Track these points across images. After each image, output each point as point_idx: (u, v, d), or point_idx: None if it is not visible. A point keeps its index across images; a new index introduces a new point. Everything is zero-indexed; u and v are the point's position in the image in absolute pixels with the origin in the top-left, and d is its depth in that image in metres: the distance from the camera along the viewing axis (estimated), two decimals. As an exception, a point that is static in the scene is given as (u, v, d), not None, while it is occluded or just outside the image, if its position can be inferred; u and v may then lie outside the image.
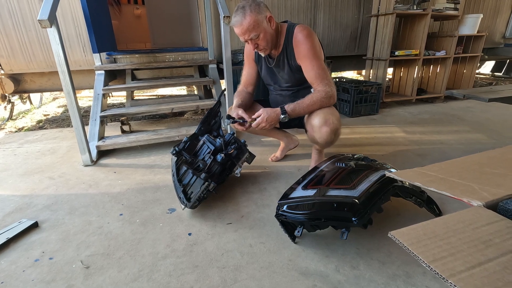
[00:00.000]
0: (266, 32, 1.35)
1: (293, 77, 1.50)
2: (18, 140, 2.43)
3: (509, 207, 0.48)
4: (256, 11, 1.29)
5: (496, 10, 3.91)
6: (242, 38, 1.36)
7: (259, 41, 1.36)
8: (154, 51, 2.83)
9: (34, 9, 2.44)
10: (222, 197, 1.46)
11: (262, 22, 1.32)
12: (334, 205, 0.99)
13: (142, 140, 2.08)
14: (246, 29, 1.30)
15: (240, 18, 1.29)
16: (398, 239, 0.42)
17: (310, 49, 1.36)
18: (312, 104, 1.35)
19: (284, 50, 1.44)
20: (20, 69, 2.59)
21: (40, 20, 1.49)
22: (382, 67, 3.07)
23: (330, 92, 1.35)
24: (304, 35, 1.37)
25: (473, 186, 0.56)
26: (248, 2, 1.31)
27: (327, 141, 1.38)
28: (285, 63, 1.47)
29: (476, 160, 0.72)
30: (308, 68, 1.38)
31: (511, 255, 0.37)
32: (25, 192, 1.56)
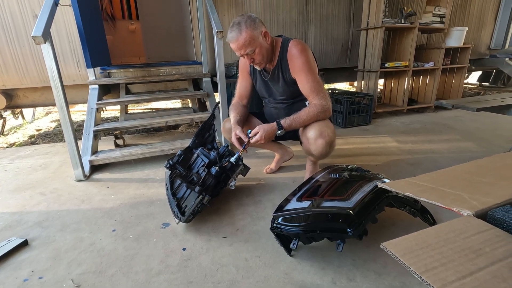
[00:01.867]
0: (262, 47, 1.37)
1: (288, 90, 1.52)
2: (9, 156, 2.40)
3: (498, 216, 0.49)
4: (251, 27, 1.32)
5: (481, 23, 4.06)
6: (238, 53, 1.38)
7: (254, 56, 1.38)
8: (148, 65, 2.86)
9: (28, 25, 2.46)
10: (217, 210, 1.45)
11: (257, 38, 1.35)
12: (328, 217, 0.99)
13: (136, 154, 2.07)
14: (242, 44, 1.32)
15: (236, 34, 1.32)
16: (390, 250, 0.42)
17: (305, 63, 1.38)
18: (309, 119, 1.37)
19: (279, 64, 1.47)
20: (13, 85, 2.58)
21: (34, 37, 1.50)
22: (373, 78, 3.13)
23: (326, 105, 1.37)
24: (298, 49, 1.39)
25: (463, 196, 0.57)
26: (244, 18, 1.34)
27: (322, 153, 1.39)
28: (280, 77, 1.49)
29: (466, 169, 0.73)
30: (303, 81, 1.40)
31: (501, 264, 0.37)
32: (15, 209, 1.53)
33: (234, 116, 1.53)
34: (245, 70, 1.62)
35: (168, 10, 3.91)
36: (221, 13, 2.91)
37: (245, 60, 1.44)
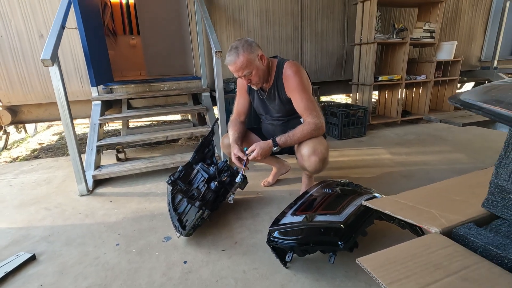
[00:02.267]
0: (258, 69, 1.46)
1: (284, 108, 1.60)
2: (13, 171, 2.46)
3: (460, 233, 0.56)
4: (248, 51, 1.41)
5: (470, 37, 4.20)
6: (236, 74, 1.47)
7: (251, 77, 1.47)
8: (149, 80, 2.95)
9: (34, 44, 2.56)
10: (216, 223, 1.51)
11: (254, 60, 1.43)
12: (321, 230, 1.05)
13: (138, 168, 2.14)
14: (240, 67, 1.42)
15: (234, 58, 1.41)
16: (363, 264, 0.49)
17: (299, 84, 1.47)
18: (303, 137, 1.44)
19: (275, 84, 1.55)
20: (18, 101, 2.66)
21: (43, 60, 1.59)
22: (367, 91, 3.24)
23: (319, 124, 1.45)
24: (293, 70, 1.48)
25: (434, 213, 0.64)
26: (241, 43, 1.43)
27: (316, 169, 1.47)
28: (276, 96, 1.58)
29: (443, 187, 0.80)
30: (298, 100, 1.48)
31: (455, 276, 0.44)
32: (22, 224, 1.58)
33: (232, 134, 1.61)
34: (243, 88, 1.71)
35: (168, 27, 4.05)
36: (219, 30, 3.03)
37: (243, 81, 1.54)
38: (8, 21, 2.46)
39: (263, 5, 3.11)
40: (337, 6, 3.42)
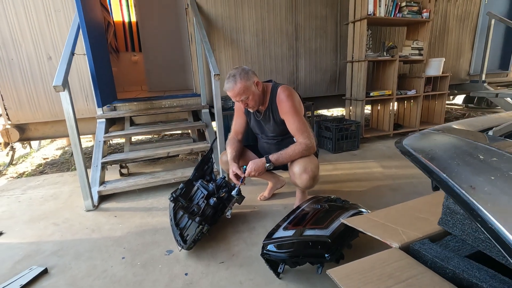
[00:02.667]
0: (254, 94, 1.61)
1: (278, 129, 1.73)
2: (21, 187, 2.57)
3: (415, 247, 0.67)
4: (245, 79, 1.56)
5: (459, 52, 4.39)
6: (234, 99, 1.62)
7: (248, 101, 1.62)
8: (151, 98, 3.09)
9: (43, 66, 2.71)
10: (215, 237, 1.62)
11: (250, 87, 1.58)
12: (309, 244, 1.16)
13: (140, 184, 2.25)
14: (237, 93, 1.57)
15: (232, 85, 1.56)
16: (331, 275, 0.60)
17: (291, 107, 1.60)
18: (294, 155, 1.56)
19: (270, 106, 1.69)
20: (26, 120, 2.79)
21: (55, 86, 1.72)
22: (359, 106, 3.38)
23: (309, 144, 1.57)
24: (286, 95, 1.62)
25: (399, 230, 0.76)
26: (238, 71, 1.58)
27: (307, 186, 1.59)
28: (271, 117, 1.71)
29: (413, 205, 0.92)
30: (290, 122, 1.61)
31: (402, 284, 0.55)
32: (32, 239, 1.69)
33: (230, 153, 1.73)
34: (240, 110, 1.85)
35: (169, 45, 4.23)
36: (218, 50, 3.19)
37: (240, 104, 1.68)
38: (19, 45, 2.62)
39: (259, 26, 3.28)
40: (330, 26, 3.60)
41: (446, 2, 4.10)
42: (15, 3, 2.53)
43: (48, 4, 2.60)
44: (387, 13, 3.20)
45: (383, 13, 3.17)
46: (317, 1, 3.48)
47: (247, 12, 3.21)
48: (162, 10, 4.08)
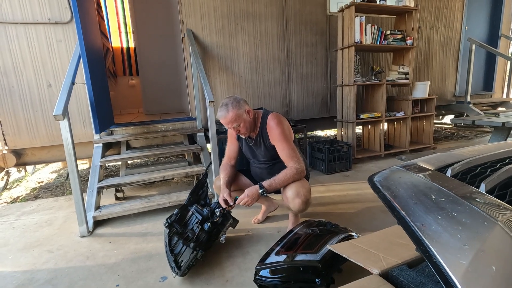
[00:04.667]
0: (246, 121, 1.69)
1: (269, 154, 1.81)
2: (15, 212, 2.57)
3: (394, 273, 0.72)
4: (236, 107, 1.65)
5: (443, 75, 4.60)
6: (226, 126, 1.71)
7: (240, 128, 1.70)
8: (148, 122, 3.17)
9: (43, 93, 2.79)
10: (209, 263, 1.63)
11: (242, 115, 1.67)
12: (300, 269, 1.20)
13: (136, 208, 2.27)
14: (230, 121, 1.65)
15: (224, 113, 1.65)
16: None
17: (281, 134, 1.68)
18: (286, 180, 1.63)
19: (260, 133, 1.78)
20: (23, 145, 2.83)
21: (55, 115, 1.79)
22: (350, 127, 3.49)
23: (299, 168, 1.64)
24: (275, 122, 1.70)
25: (379, 256, 0.81)
26: (230, 100, 1.68)
27: (300, 209, 1.64)
28: (262, 143, 1.79)
29: (394, 231, 0.98)
30: (280, 149, 1.69)
31: (378, 310, 0.60)
32: (26, 268, 1.69)
33: (223, 177, 1.79)
34: (233, 136, 1.93)
35: (166, 70, 4.37)
36: (213, 76, 3.32)
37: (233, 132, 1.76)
38: (20, 73, 2.71)
39: (253, 54, 3.44)
40: (320, 53, 3.78)
41: (429, 30, 4.35)
42: (19, 35, 2.65)
43: (50, 35, 2.73)
44: (373, 40, 3.39)
45: (369, 41, 3.35)
46: (307, 30, 3.67)
47: (241, 40, 3.38)
48: (160, 37, 4.25)
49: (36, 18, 2.67)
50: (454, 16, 4.50)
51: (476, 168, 0.58)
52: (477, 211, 0.40)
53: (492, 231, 0.36)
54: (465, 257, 0.34)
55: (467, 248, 0.35)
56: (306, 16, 3.64)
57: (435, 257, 0.36)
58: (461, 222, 0.39)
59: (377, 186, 0.59)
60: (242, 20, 3.36)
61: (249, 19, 3.38)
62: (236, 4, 3.30)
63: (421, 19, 4.23)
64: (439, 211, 0.43)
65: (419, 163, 0.68)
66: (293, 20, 3.59)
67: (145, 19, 4.19)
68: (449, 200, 0.45)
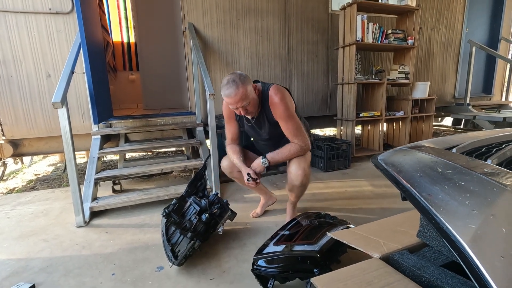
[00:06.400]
0: (254, 99, 1.56)
1: (274, 131, 1.70)
2: (11, 202, 2.54)
3: (395, 257, 0.71)
4: (245, 83, 1.50)
5: (444, 77, 4.61)
6: (234, 106, 1.53)
7: (248, 107, 1.55)
8: (147, 116, 3.15)
9: (42, 83, 2.77)
10: (206, 253, 1.62)
11: (251, 92, 1.52)
12: (299, 259, 1.19)
13: (133, 200, 2.26)
14: (239, 99, 1.48)
15: (233, 91, 1.46)
16: (315, 283, 0.63)
17: (285, 111, 1.59)
18: (290, 156, 1.63)
19: (263, 110, 1.65)
20: (21, 135, 2.81)
21: (54, 103, 1.77)
22: (350, 126, 3.49)
23: (304, 146, 1.62)
24: (279, 98, 1.57)
25: (380, 242, 0.80)
26: (237, 76, 1.50)
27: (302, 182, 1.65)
28: (265, 121, 1.68)
29: (396, 220, 0.97)
30: (285, 127, 1.62)
31: (379, 290, 0.59)
32: (21, 256, 1.67)
33: (237, 158, 1.74)
34: (231, 116, 1.79)
35: (166, 65, 4.35)
36: (213, 71, 3.31)
37: (229, 109, 1.67)
38: (19, 63, 2.69)
39: (254, 50, 3.43)
40: (321, 50, 3.78)
41: (430, 30, 4.36)
42: (19, 24, 2.63)
43: (50, 25, 2.71)
44: (375, 39, 3.39)
45: (371, 40, 3.35)
46: (309, 27, 3.67)
47: (242, 36, 3.37)
48: (161, 32, 4.23)
49: (37, 8, 2.65)
50: (455, 18, 4.52)
51: (482, 148, 0.58)
52: (485, 179, 0.39)
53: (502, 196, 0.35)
54: (474, 222, 0.33)
55: (476, 213, 0.35)
56: (308, 14, 3.64)
57: (443, 223, 0.35)
58: (469, 190, 0.38)
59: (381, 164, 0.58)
60: (244, 16, 3.35)
61: (250, 15, 3.37)
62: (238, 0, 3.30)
63: (422, 20, 4.24)
64: (446, 181, 0.42)
65: (424, 144, 0.67)
66: (295, 17, 3.58)
67: (146, 14, 4.17)
68: (456, 171, 0.44)
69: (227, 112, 1.78)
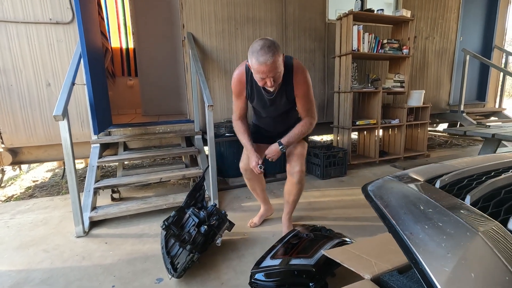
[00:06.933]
0: (283, 69, 1.45)
1: (289, 106, 1.69)
2: (10, 211, 2.56)
3: (385, 279, 0.75)
4: (280, 51, 1.39)
5: (438, 84, 4.69)
6: (263, 75, 1.38)
7: (276, 78, 1.42)
8: (146, 124, 3.18)
9: (41, 92, 2.79)
10: (205, 265, 1.65)
11: (282, 61, 1.43)
12: (295, 273, 1.23)
13: (132, 209, 2.28)
14: (274, 67, 1.36)
15: (270, 57, 1.33)
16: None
17: (308, 90, 1.60)
18: (301, 136, 1.71)
19: (284, 84, 1.55)
20: (20, 143, 2.83)
21: (55, 116, 1.81)
22: (346, 134, 3.54)
23: (313, 122, 1.70)
24: (305, 75, 1.56)
25: (372, 262, 0.84)
26: (272, 42, 1.38)
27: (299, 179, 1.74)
28: (284, 95, 1.61)
29: (387, 238, 1.01)
30: (303, 104, 1.65)
31: (369, 313, 0.63)
32: (21, 267, 1.69)
33: (247, 140, 1.75)
34: (242, 93, 1.69)
35: (165, 72, 4.39)
36: (212, 79, 3.35)
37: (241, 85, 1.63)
38: (19, 72, 2.71)
39: (252, 58, 3.48)
40: (318, 58, 3.84)
41: (425, 39, 4.44)
42: (20, 34, 2.66)
43: (51, 35, 2.74)
44: (370, 49, 3.46)
45: (367, 49, 3.42)
46: (306, 36, 3.73)
47: (241, 44, 3.42)
48: (160, 39, 4.27)
49: (38, 18, 2.68)
50: (449, 27, 4.60)
51: (464, 180, 0.62)
52: (460, 222, 0.43)
53: (473, 241, 0.39)
54: (448, 265, 0.37)
55: (450, 256, 0.39)
56: (305, 23, 3.70)
57: (421, 264, 0.39)
58: (446, 232, 0.42)
59: (370, 195, 0.63)
60: (242, 25, 3.40)
61: (249, 24, 3.43)
62: (237, 9, 3.35)
63: (417, 29, 4.31)
64: (427, 221, 0.46)
65: (410, 174, 0.71)
66: (292, 26, 3.64)
67: (145, 21, 4.21)
68: (436, 210, 0.48)
69: (238, 87, 1.67)
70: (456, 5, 4.59)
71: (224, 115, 3.46)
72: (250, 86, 1.65)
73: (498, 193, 0.53)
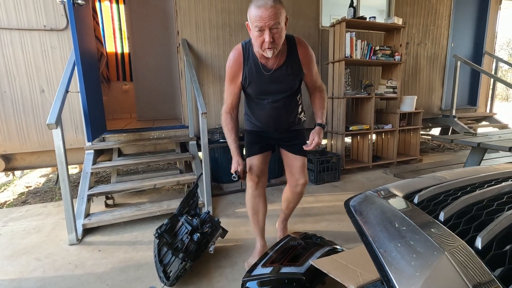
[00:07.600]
0: (283, 29, 1.32)
1: (293, 84, 1.53)
2: (2, 218, 2.54)
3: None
4: (282, 5, 1.29)
5: (430, 89, 4.77)
6: (263, 23, 1.25)
7: (276, 34, 1.28)
8: (140, 129, 3.19)
9: (35, 98, 2.79)
10: (198, 273, 1.67)
11: (284, 17, 1.30)
12: (285, 281, 1.25)
13: (126, 216, 2.29)
14: (274, 13, 1.23)
15: (270, 1, 1.22)
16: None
17: (313, 58, 1.54)
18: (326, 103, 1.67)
19: (289, 58, 1.46)
20: (13, 150, 2.82)
21: (48, 124, 1.81)
22: (340, 139, 3.58)
23: (324, 87, 1.68)
24: (308, 47, 1.51)
25: (357, 273, 0.87)
26: None
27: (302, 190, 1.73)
28: (290, 71, 1.48)
29: (374, 246, 1.04)
30: (312, 72, 1.55)
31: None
32: (13, 276, 1.69)
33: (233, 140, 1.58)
34: (238, 77, 1.51)
35: (160, 77, 4.41)
36: (206, 85, 3.38)
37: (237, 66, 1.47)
38: (13, 78, 2.71)
39: (246, 64, 3.51)
40: (312, 65, 3.88)
41: (417, 45, 4.52)
42: (13, 40, 2.66)
43: (45, 41, 2.75)
44: (363, 55, 3.51)
45: (359, 56, 3.47)
46: (300, 43, 3.77)
47: (235, 51, 3.44)
48: (155, 45, 4.29)
49: (32, 25, 2.69)
50: (440, 34, 4.69)
51: (440, 196, 0.65)
52: (429, 241, 0.46)
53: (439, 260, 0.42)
54: (416, 284, 0.40)
55: (418, 275, 0.41)
56: (299, 29, 3.74)
57: (392, 282, 0.42)
58: (416, 251, 0.45)
59: (352, 211, 0.65)
60: (237, 32, 3.44)
61: (243, 31, 3.46)
62: (231, 16, 3.38)
63: (409, 35, 4.39)
64: (400, 239, 0.49)
65: (390, 189, 0.74)
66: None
67: (141, 27, 4.23)
68: (409, 229, 0.51)
69: (234, 68, 1.50)
70: (447, 12, 4.68)
71: (218, 120, 3.48)
72: (248, 65, 1.47)
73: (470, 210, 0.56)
